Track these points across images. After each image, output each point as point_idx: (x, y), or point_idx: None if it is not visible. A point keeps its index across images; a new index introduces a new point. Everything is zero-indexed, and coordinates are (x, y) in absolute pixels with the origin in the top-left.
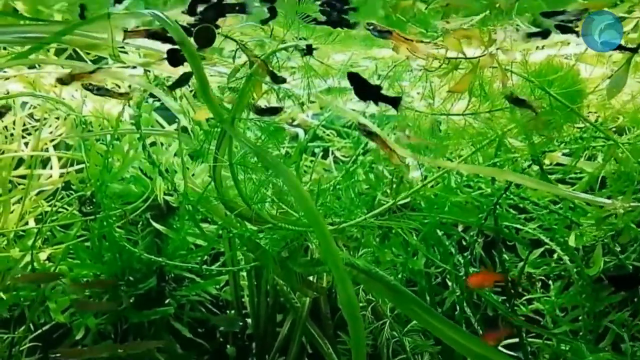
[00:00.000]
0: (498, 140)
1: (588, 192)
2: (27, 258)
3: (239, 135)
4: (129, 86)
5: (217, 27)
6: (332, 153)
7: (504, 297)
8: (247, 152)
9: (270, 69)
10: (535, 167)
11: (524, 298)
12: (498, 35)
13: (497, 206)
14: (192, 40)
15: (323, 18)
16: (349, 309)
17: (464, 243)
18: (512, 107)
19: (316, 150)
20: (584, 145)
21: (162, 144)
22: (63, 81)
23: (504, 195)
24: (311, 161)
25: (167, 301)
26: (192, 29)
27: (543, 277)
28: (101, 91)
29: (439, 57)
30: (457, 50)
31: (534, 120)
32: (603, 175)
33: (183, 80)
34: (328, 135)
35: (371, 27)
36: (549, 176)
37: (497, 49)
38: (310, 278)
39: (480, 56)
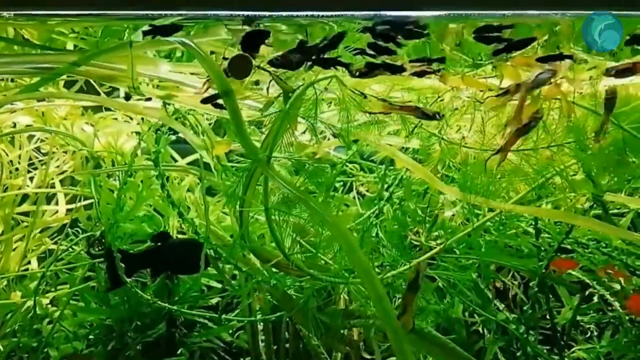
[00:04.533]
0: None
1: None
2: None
3: (278, 175)
4: None
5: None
6: (356, 188)
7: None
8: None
9: None
10: None
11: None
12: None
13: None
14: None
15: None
16: None
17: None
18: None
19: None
20: None
21: (174, 179)
22: None
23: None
24: (332, 197)
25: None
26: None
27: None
28: None
29: (492, 88)
30: (515, 79)
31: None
32: None
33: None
34: (351, 169)
35: None
36: None
37: (561, 77)
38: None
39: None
